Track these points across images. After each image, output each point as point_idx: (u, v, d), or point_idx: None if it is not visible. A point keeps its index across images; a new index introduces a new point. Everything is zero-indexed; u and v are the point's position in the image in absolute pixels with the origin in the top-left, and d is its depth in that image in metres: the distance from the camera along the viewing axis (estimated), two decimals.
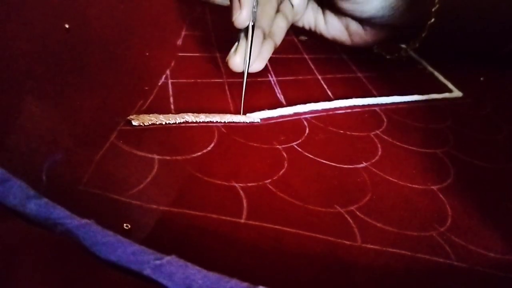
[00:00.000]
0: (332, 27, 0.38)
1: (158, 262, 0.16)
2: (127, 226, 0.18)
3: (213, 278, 0.16)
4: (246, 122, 0.29)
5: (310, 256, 0.20)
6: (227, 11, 0.30)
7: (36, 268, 0.15)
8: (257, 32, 0.30)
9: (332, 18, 0.38)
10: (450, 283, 0.20)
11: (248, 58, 0.29)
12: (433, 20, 0.35)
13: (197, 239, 0.19)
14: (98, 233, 0.16)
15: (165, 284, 0.16)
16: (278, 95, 0.33)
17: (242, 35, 0.30)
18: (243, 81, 0.30)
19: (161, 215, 0.20)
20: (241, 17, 0.28)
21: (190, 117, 0.27)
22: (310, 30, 0.40)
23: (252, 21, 0.29)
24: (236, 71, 0.30)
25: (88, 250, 0.16)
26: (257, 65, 0.31)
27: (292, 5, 0.37)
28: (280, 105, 0.31)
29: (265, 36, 0.31)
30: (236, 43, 0.30)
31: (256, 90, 0.33)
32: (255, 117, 0.29)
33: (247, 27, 0.29)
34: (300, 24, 0.40)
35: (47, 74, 0.28)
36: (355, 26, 0.37)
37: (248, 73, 0.30)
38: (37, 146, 0.22)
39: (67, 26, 0.34)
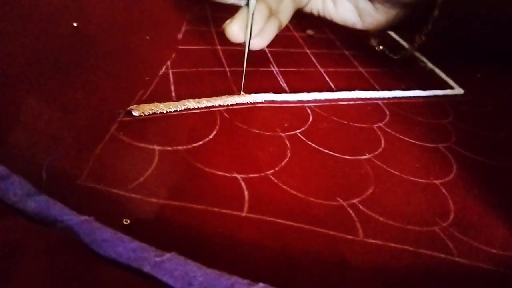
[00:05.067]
0: (341, 7, 0.37)
1: (158, 259, 0.16)
2: (126, 221, 0.18)
3: (213, 275, 0.16)
4: (250, 103, 0.29)
5: (311, 251, 0.19)
6: (227, 8, 0.29)
7: (36, 265, 0.15)
8: (261, 7, 0.28)
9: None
10: (452, 279, 0.20)
11: (249, 31, 0.27)
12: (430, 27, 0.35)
13: (197, 233, 0.19)
14: (98, 230, 0.16)
15: (165, 281, 0.16)
16: (281, 83, 0.32)
17: (244, 5, 0.28)
18: (244, 57, 0.28)
19: (161, 209, 0.20)
20: None
21: (191, 103, 0.27)
22: (319, 16, 0.39)
23: None
24: (232, 40, 0.28)
25: (88, 247, 0.16)
26: (258, 42, 0.29)
27: None
28: (283, 92, 0.31)
29: (270, 14, 0.29)
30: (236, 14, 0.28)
31: (259, 77, 0.33)
32: (260, 97, 0.29)
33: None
34: (308, 9, 0.38)
35: (47, 69, 0.28)
36: (364, 3, 0.36)
37: (248, 51, 0.28)
38: (37, 142, 0.22)
39: (75, 24, 0.34)
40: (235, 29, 0.27)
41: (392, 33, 0.47)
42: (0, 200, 0.17)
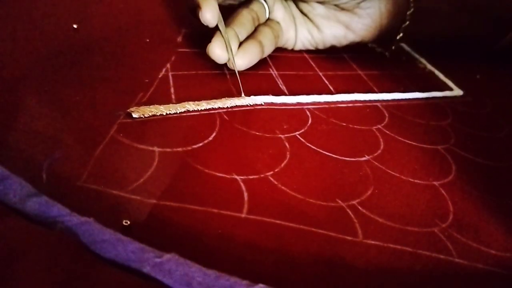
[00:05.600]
0: (326, 27, 0.37)
1: (158, 260, 0.16)
2: (126, 222, 0.18)
3: (212, 276, 0.16)
4: (250, 105, 0.29)
5: (311, 252, 0.19)
6: (227, 10, 0.30)
7: (36, 266, 0.15)
8: (230, 32, 0.30)
9: (321, 21, 0.37)
10: (451, 280, 0.20)
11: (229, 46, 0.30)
12: (412, 10, 0.35)
13: (197, 235, 0.19)
14: (98, 231, 0.16)
15: (165, 282, 0.16)
16: (280, 86, 0.32)
17: (217, 32, 0.30)
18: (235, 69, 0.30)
19: (160, 210, 0.20)
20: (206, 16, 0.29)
21: (191, 106, 0.27)
22: (312, 47, 0.39)
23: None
24: (218, 61, 0.30)
25: (88, 248, 0.16)
26: (239, 62, 0.31)
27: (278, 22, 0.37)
28: (283, 94, 0.31)
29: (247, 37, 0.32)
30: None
31: (259, 80, 0.33)
32: (259, 99, 0.29)
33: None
34: (299, 47, 0.39)
35: (47, 71, 0.28)
36: (344, 16, 0.36)
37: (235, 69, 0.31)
38: (37, 143, 0.22)
39: (75, 26, 0.34)
40: (217, 51, 0.30)
41: None
42: (0, 201, 0.17)
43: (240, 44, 0.32)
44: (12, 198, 0.17)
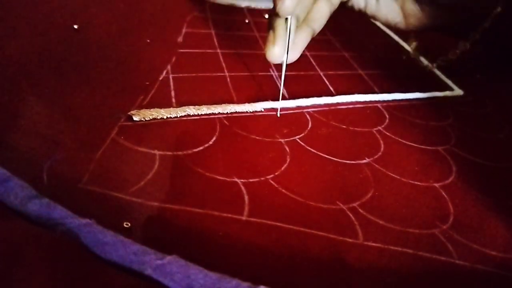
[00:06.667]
0: (385, 7, 0.35)
1: (159, 262, 0.16)
2: (127, 224, 0.18)
3: (214, 278, 0.16)
4: (249, 112, 0.29)
5: (311, 254, 0.19)
6: (227, 9, 0.30)
7: (37, 268, 0.15)
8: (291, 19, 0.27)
9: None
10: (452, 281, 0.20)
11: (287, 47, 0.27)
12: (499, 9, 0.33)
13: (198, 237, 0.19)
14: (99, 233, 0.16)
15: (166, 284, 0.16)
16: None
17: (278, 23, 0.27)
18: (282, 70, 0.28)
19: (161, 213, 0.20)
20: (274, 51, 0.27)
21: (191, 110, 0.27)
22: (359, 11, 0.36)
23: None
24: (274, 62, 0.28)
25: (89, 250, 0.16)
26: (291, 56, 0.28)
27: None
28: (283, 98, 0.31)
29: (300, 23, 0.29)
30: (272, 32, 0.27)
31: (259, 82, 0.33)
32: (259, 106, 0.29)
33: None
34: (349, 4, 0.36)
35: (48, 73, 0.28)
36: (412, 6, 0.35)
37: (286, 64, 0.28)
38: (38, 145, 0.22)
39: (76, 26, 0.34)
40: (277, 52, 0.27)
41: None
42: (1, 203, 0.17)
43: None
44: (13, 200, 0.17)
